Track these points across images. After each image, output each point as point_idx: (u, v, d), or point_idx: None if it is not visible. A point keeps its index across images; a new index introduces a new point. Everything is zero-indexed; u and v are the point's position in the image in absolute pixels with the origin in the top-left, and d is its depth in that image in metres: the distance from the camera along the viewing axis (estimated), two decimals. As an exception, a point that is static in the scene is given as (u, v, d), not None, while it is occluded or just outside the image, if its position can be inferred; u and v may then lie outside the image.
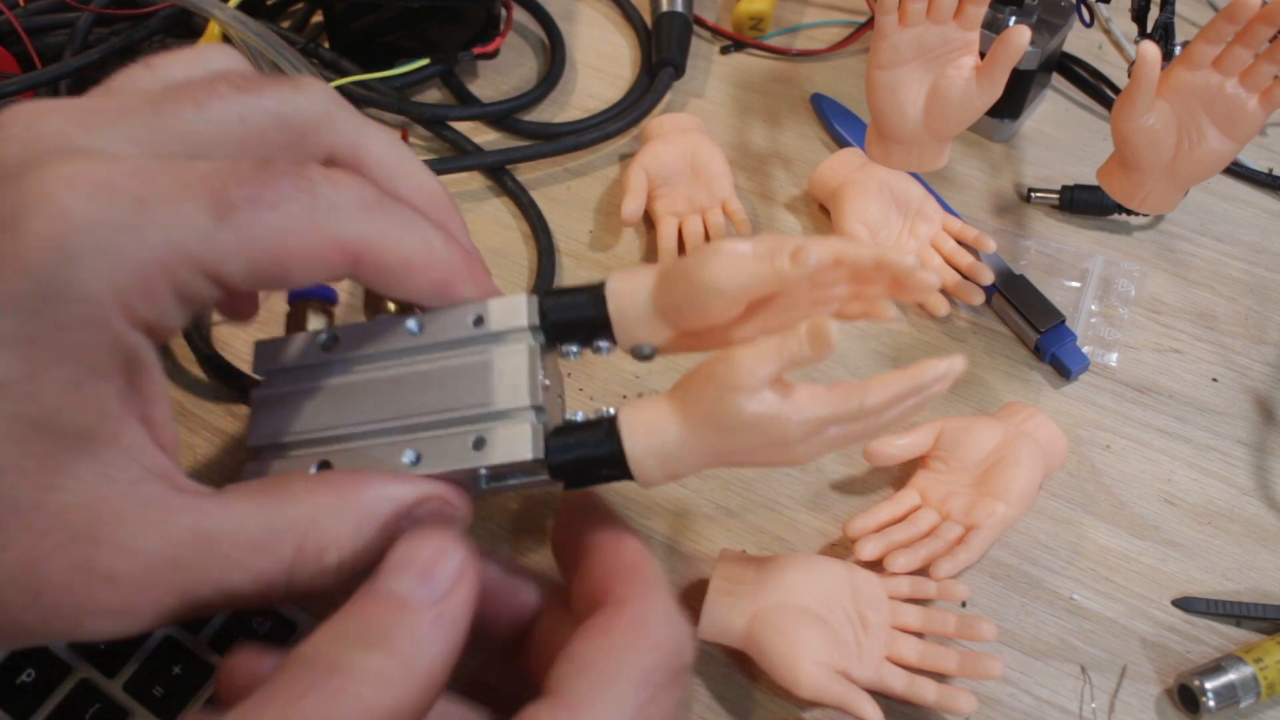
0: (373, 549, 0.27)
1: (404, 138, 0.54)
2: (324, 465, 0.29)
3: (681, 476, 0.28)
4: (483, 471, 0.28)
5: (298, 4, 0.59)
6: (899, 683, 0.35)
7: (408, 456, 0.28)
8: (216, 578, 0.25)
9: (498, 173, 0.52)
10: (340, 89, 0.52)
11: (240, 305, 0.33)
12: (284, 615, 0.35)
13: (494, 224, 0.51)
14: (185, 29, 0.57)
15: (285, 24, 0.59)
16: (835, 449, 0.28)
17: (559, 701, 0.24)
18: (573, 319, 0.30)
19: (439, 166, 0.51)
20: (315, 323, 0.33)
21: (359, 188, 0.27)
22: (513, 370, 0.29)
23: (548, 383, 0.30)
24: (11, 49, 0.53)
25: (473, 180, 0.53)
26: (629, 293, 0.29)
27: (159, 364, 0.25)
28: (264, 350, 0.31)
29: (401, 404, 0.29)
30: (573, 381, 0.45)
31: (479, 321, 0.29)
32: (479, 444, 0.28)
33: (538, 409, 0.29)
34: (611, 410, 0.29)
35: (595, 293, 0.30)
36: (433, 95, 0.57)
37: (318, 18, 0.59)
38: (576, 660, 0.25)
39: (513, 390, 0.28)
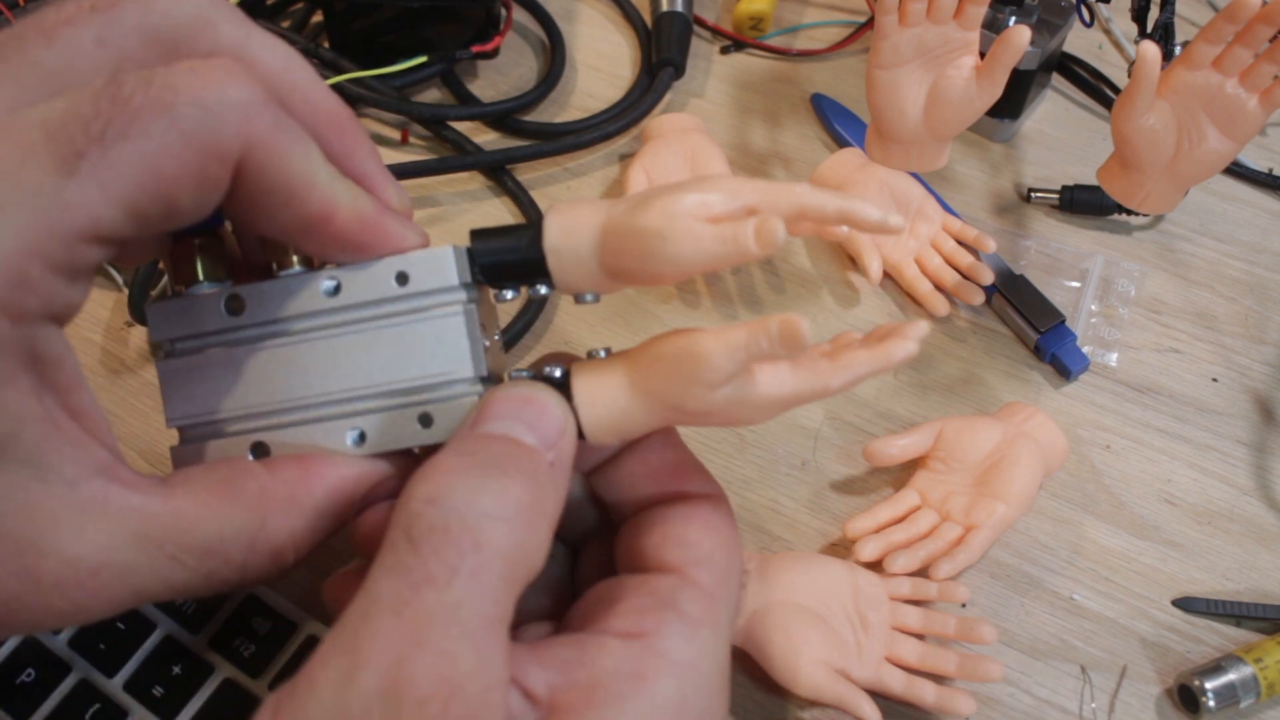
0: (325, 534, 0.26)
1: (404, 137, 0.54)
2: (259, 447, 0.28)
3: (630, 439, 0.28)
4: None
5: (298, 4, 0.59)
6: (898, 683, 0.35)
7: (351, 436, 0.27)
8: (166, 577, 0.24)
9: (498, 173, 0.52)
10: (338, 87, 0.52)
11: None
12: (285, 618, 0.35)
13: (494, 224, 0.51)
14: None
15: (285, 24, 0.59)
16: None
17: (697, 588, 0.25)
18: (508, 263, 0.27)
19: (439, 166, 0.51)
20: (207, 268, 0.28)
21: (235, 83, 0.23)
22: (450, 336, 0.27)
23: (487, 342, 0.28)
24: (11, 49, 0.53)
25: (473, 180, 0.53)
26: (570, 245, 0.27)
27: (68, 349, 0.23)
28: (159, 313, 0.28)
29: (335, 376, 0.27)
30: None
31: (403, 279, 0.27)
32: (425, 420, 0.27)
33: (483, 379, 0.27)
34: (557, 371, 0.27)
35: (531, 237, 0.27)
36: (432, 95, 0.57)
37: (318, 18, 0.59)
38: (697, 549, 0.26)
39: (455, 360, 0.27)
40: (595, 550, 0.29)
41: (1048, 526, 0.41)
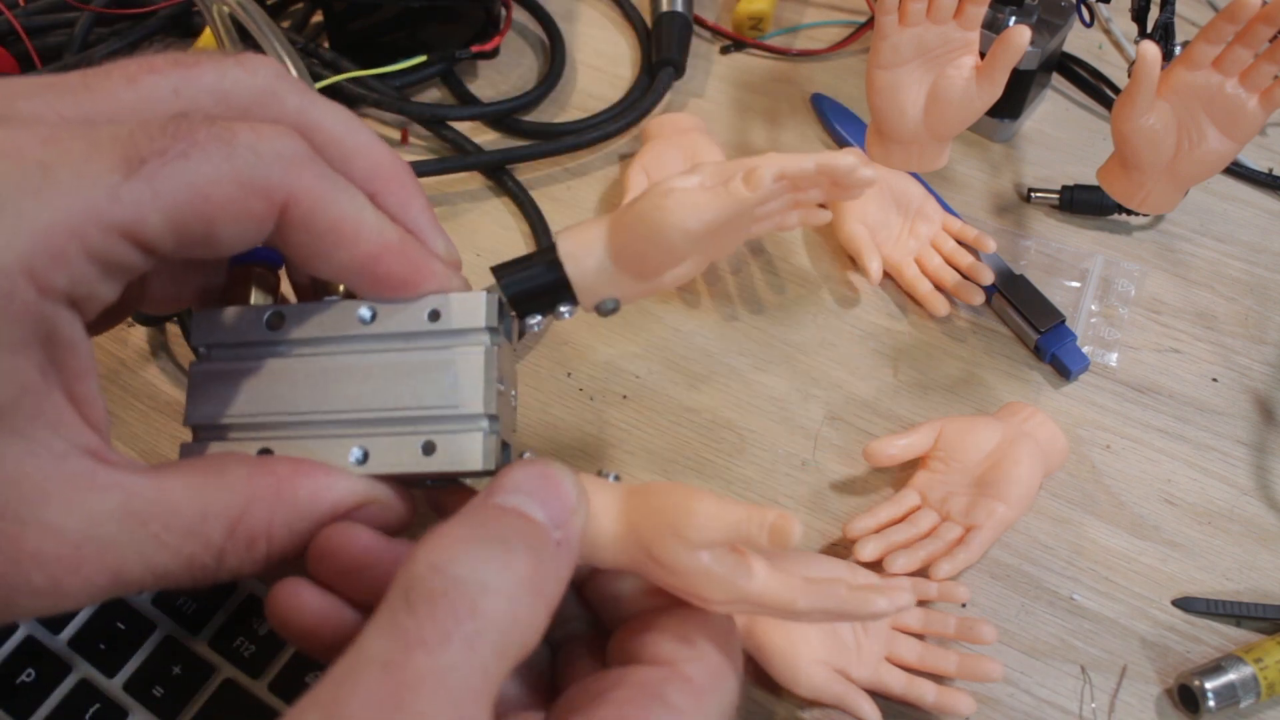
0: (304, 541, 0.26)
1: (404, 137, 0.54)
2: (265, 453, 0.28)
3: (593, 566, 0.28)
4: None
5: (298, 4, 0.59)
6: (898, 683, 0.35)
7: (354, 454, 0.28)
8: (147, 557, 0.24)
9: (498, 173, 0.52)
10: (338, 87, 0.52)
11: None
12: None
13: (494, 224, 0.51)
14: (184, 29, 0.57)
15: (285, 24, 0.59)
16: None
17: (686, 682, 0.25)
18: (533, 289, 0.29)
19: (439, 166, 0.51)
20: (258, 296, 0.31)
21: (286, 139, 0.25)
22: (468, 373, 0.28)
23: (502, 387, 0.29)
24: (11, 49, 0.53)
25: (473, 180, 0.53)
26: (585, 252, 0.28)
27: (85, 339, 0.24)
28: (203, 322, 0.30)
29: (350, 396, 0.28)
30: (573, 382, 0.45)
31: (435, 316, 0.28)
32: (429, 449, 0.27)
33: (491, 417, 0.28)
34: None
35: (549, 257, 0.29)
36: (432, 95, 0.57)
37: (318, 18, 0.59)
38: (691, 646, 0.26)
39: (467, 394, 0.28)
40: (579, 648, 0.29)
41: (1048, 526, 0.41)
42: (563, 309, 0.29)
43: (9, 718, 0.34)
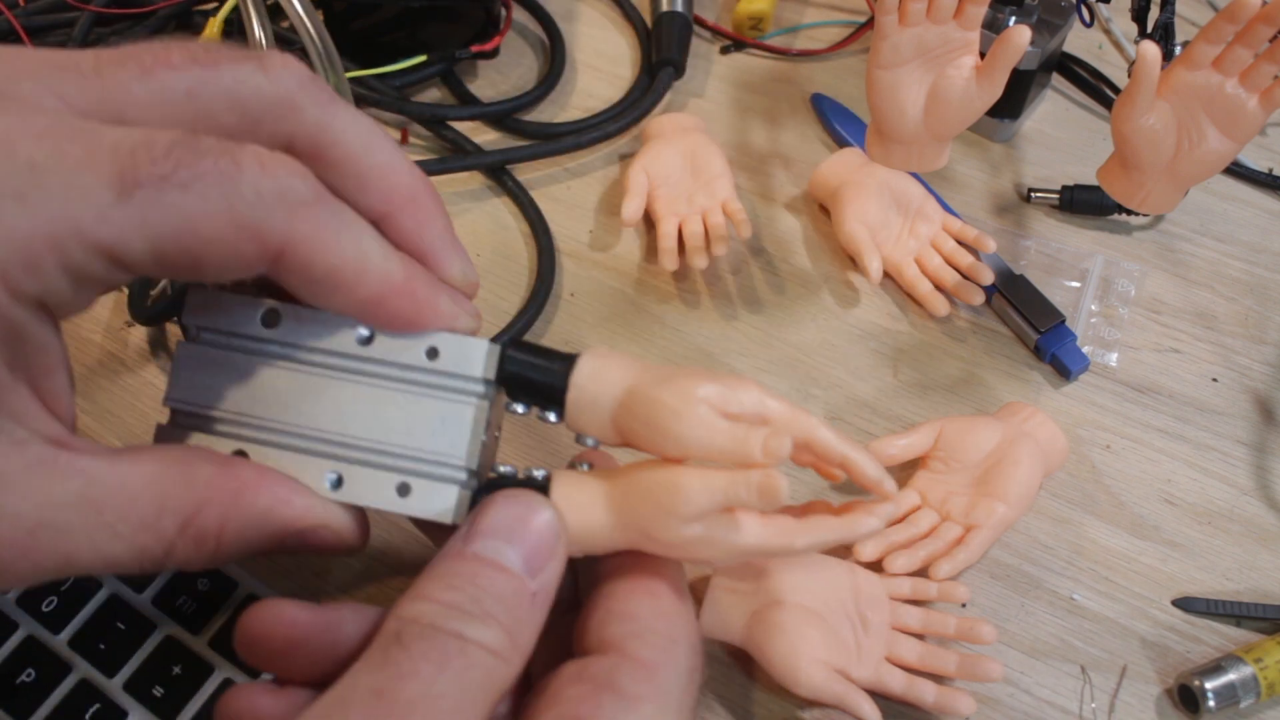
0: (255, 549, 0.26)
1: (403, 137, 0.54)
2: (239, 454, 0.28)
3: (593, 554, 0.28)
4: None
5: (298, 4, 0.59)
6: (898, 683, 0.35)
7: (329, 477, 0.28)
8: (99, 545, 0.24)
9: (498, 173, 0.52)
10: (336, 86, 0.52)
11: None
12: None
13: (494, 224, 0.51)
14: (185, 29, 0.57)
15: (285, 24, 0.59)
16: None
17: (634, 663, 0.25)
18: (531, 383, 0.28)
19: (439, 166, 0.51)
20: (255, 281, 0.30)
21: (295, 178, 0.24)
22: (456, 422, 0.27)
23: (485, 439, 0.28)
24: (11, 49, 0.53)
25: (473, 180, 0.53)
26: (591, 393, 0.28)
27: (55, 337, 0.24)
28: (197, 301, 0.29)
29: (335, 418, 0.28)
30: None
31: (433, 354, 0.28)
32: (403, 490, 0.27)
33: (471, 471, 0.28)
34: (539, 474, 0.28)
35: (563, 367, 0.28)
36: (432, 95, 0.57)
37: (318, 17, 0.59)
38: (635, 621, 0.26)
39: (453, 445, 0.27)
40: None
41: (1048, 526, 0.41)
42: (549, 415, 0.29)
43: (9, 718, 0.34)
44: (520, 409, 0.29)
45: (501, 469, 0.29)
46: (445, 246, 0.29)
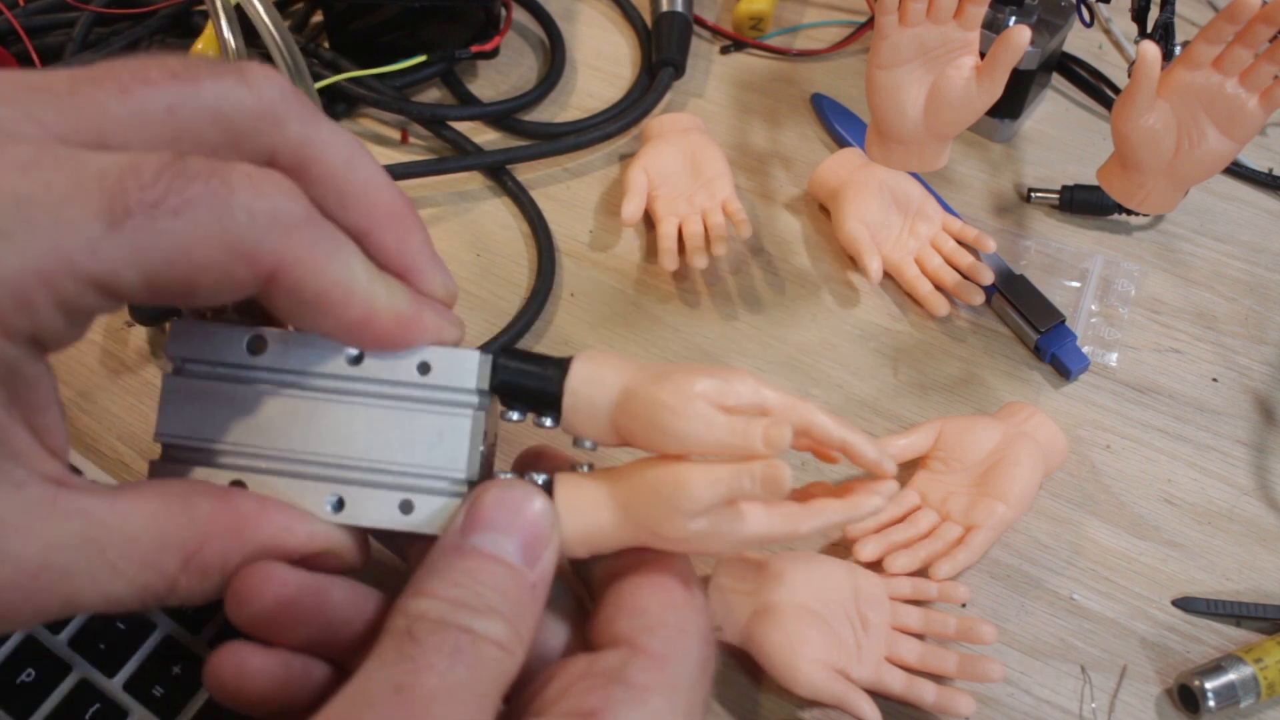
0: None
1: (404, 137, 0.54)
2: (237, 484, 0.28)
3: (600, 553, 0.28)
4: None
5: (298, 4, 0.59)
6: (898, 683, 0.35)
7: (330, 500, 0.27)
8: (101, 585, 0.24)
9: (498, 173, 0.52)
10: (338, 87, 0.52)
11: None
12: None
13: (494, 224, 0.51)
14: (184, 29, 0.57)
15: (285, 24, 0.59)
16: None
17: (644, 655, 0.25)
18: (525, 388, 0.28)
19: (439, 166, 0.51)
20: (238, 305, 0.29)
21: (285, 198, 0.24)
22: (453, 435, 0.27)
23: (484, 448, 0.28)
24: (11, 49, 0.53)
25: (473, 180, 0.53)
26: (587, 396, 0.28)
27: (47, 373, 0.23)
28: (181, 333, 0.28)
29: (330, 441, 0.27)
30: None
31: (424, 369, 0.28)
32: (406, 507, 0.27)
33: (472, 483, 0.28)
34: (540, 478, 0.28)
35: (557, 372, 0.28)
36: (432, 95, 0.57)
37: (318, 18, 0.59)
38: (644, 615, 0.26)
39: (451, 458, 0.27)
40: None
41: (1048, 526, 0.41)
42: (545, 420, 0.29)
43: (9, 718, 0.34)
44: (515, 416, 0.29)
45: (503, 477, 0.29)
46: (426, 261, 0.28)
